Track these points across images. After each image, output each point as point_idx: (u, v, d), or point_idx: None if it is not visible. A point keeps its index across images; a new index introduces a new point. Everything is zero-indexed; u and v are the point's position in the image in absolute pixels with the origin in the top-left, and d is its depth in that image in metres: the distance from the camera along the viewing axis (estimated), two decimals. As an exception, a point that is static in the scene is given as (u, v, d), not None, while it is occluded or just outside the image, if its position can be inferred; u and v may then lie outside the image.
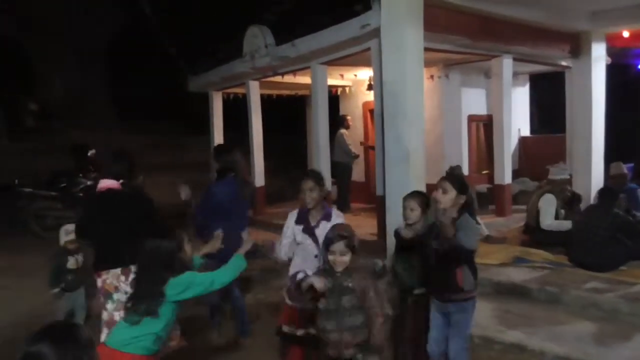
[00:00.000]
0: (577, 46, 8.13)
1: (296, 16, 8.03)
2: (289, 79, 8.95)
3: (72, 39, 16.26)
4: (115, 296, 3.42)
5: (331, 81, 8.96)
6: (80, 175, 9.74)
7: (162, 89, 14.11)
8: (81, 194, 9.29)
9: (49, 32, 15.97)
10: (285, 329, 3.41)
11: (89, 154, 10.19)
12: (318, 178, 3.41)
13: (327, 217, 3.41)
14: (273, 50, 7.94)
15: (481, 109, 9.15)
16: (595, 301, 4.46)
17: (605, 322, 4.18)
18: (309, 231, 3.44)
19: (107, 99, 16.71)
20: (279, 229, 8.28)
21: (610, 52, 8.68)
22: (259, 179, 9.59)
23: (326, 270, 2.81)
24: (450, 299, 3.13)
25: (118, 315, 3.36)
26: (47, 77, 17.12)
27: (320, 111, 7.73)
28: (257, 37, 8.27)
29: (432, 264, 3.18)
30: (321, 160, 7.77)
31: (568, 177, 6.26)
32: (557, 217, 5.96)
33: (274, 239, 4.06)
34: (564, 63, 8.59)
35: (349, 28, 6.35)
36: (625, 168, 6.72)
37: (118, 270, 3.43)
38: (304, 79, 8.84)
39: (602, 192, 5.51)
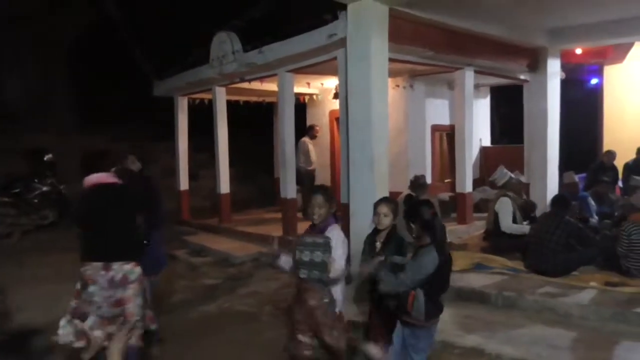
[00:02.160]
0: (535, 61, 8.47)
1: (264, 24, 8.07)
2: (255, 85, 8.97)
3: (33, 39, 15.76)
4: (91, 288, 3.38)
5: (298, 89, 9.02)
6: (36, 180, 9.43)
7: (127, 93, 13.85)
8: (36, 200, 9.01)
9: (6, 30, 15.43)
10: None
11: (45, 158, 9.89)
12: (328, 195, 3.41)
13: (322, 231, 3.37)
14: (240, 57, 7.95)
15: (444, 119, 9.40)
16: (549, 305, 4.65)
17: (559, 326, 4.35)
18: None
19: (68, 102, 16.24)
20: (245, 236, 8.38)
21: (564, 68, 9.09)
22: (224, 186, 9.53)
23: None
24: (402, 320, 3.12)
25: (87, 307, 3.39)
26: (3, 78, 16.52)
27: (286, 118, 7.77)
28: (224, 43, 8.26)
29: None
30: (287, 167, 7.80)
31: (511, 179, 6.46)
32: (515, 222, 6.18)
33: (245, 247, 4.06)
34: (522, 77, 8.94)
35: (316, 37, 6.43)
36: (576, 177, 7.03)
37: (100, 264, 3.40)
38: (271, 86, 8.87)
39: (555, 201, 5.74)
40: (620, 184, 8.03)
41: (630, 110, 10.07)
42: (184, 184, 10.63)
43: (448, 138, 9.35)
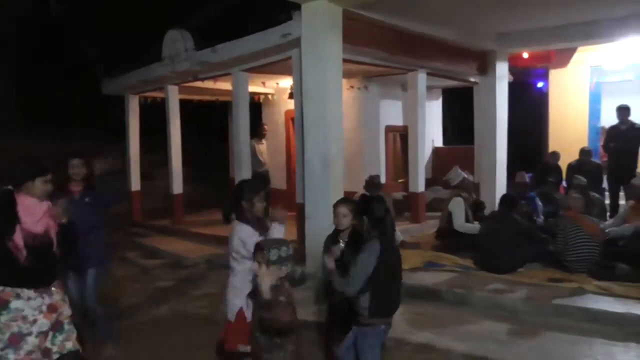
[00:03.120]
0: (484, 64, 8.75)
1: (218, 22, 7.96)
2: (209, 84, 8.84)
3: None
4: (14, 304, 3.04)
5: (253, 88, 8.96)
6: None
7: (76, 91, 13.32)
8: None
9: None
10: (243, 348, 3.25)
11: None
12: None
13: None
14: (193, 55, 7.81)
15: (398, 120, 9.55)
16: (497, 301, 4.81)
17: (505, 321, 4.50)
18: None
19: (11, 102, 15.44)
20: (197, 237, 8.23)
21: (512, 71, 9.43)
22: (177, 186, 9.34)
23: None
24: (356, 322, 3.11)
25: (16, 326, 3.03)
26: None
27: (241, 118, 7.69)
28: (177, 41, 8.09)
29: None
30: (242, 167, 7.72)
31: (464, 179, 6.65)
32: (467, 221, 6.36)
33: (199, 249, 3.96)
34: (472, 79, 9.20)
35: (271, 36, 6.40)
36: (527, 177, 7.30)
37: None
38: (225, 85, 8.76)
39: (503, 200, 5.95)
40: (564, 183, 8.39)
41: (573, 112, 10.55)
42: (135, 184, 10.39)
43: (402, 139, 9.51)
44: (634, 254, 5.19)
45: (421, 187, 8.08)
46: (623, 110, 7.75)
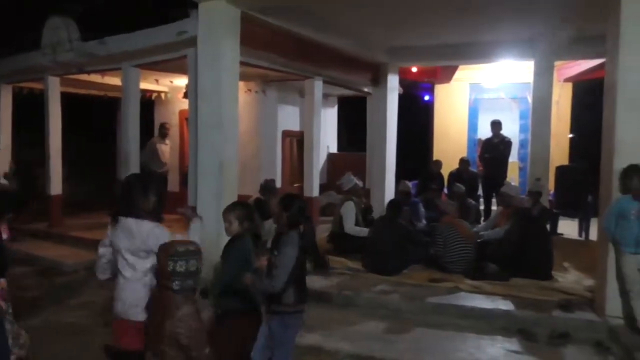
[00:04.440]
0: (377, 75, 9.19)
1: (108, 12, 7.49)
2: (96, 78, 8.27)
3: None
4: None
5: (145, 85, 8.55)
6: None
7: None
8: None
9: None
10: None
11: None
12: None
13: None
14: (78, 46, 7.27)
15: (295, 125, 9.69)
16: (382, 302, 5.06)
17: (390, 320, 4.75)
18: None
19: None
20: (77, 242, 7.63)
21: (402, 84, 10.02)
22: (55, 187, 8.58)
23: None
24: (272, 311, 3.14)
25: None
26: None
27: (130, 115, 7.30)
28: (59, 29, 7.47)
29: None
30: (130, 167, 7.32)
31: (355, 185, 6.93)
32: (357, 224, 6.61)
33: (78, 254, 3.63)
34: (366, 89, 9.63)
35: (166, 33, 6.17)
36: (410, 185, 7.77)
37: None
38: (115, 80, 8.25)
39: (389, 205, 6.30)
40: (446, 190, 9.06)
41: (454, 125, 11.48)
42: (56, 187, 9.09)
43: (298, 144, 9.66)
44: (502, 256, 5.75)
45: (315, 191, 8.26)
46: (496, 125, 8.58)
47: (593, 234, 6.44)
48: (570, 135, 10.85)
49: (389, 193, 9.14)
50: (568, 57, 8.78)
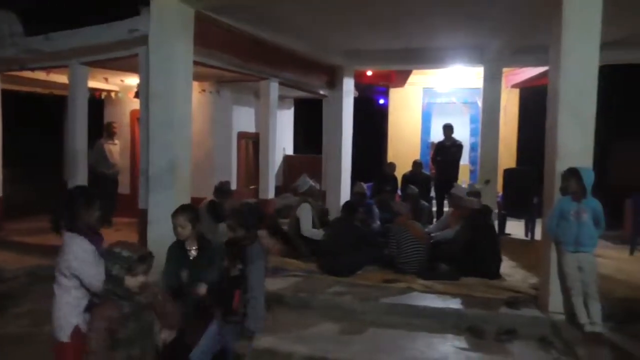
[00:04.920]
0: (333, 78, 9.26)
1: (54, 6, 7.19)
2: (41, 75, 7.91)
3: None
4: None
5: (94, 84, 8.26)
6: None
7: None
8: None
9: None
10: None
11: None
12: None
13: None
14: (21, 41, 6.93)
15: (250, 127, 9.62)
16: (337, 303, 5.08)
17: (344, 321, 4.77)
18: None
19: None
20: (18, 247, 7.27)
21: (358, 87, 10.13)
22: (-4, 188, 8.16)
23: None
24: (227, 320, 3.15)
25: None
26: None
27: (78, 115, 7.04)
28: (0, 23, 7.09)
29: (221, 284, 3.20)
30: (78, 168, 7.06)
31: (311, 186, 6.96)
32: (313, 226, 6.62)
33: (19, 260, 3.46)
34: (322, 92, 9.69)
35: (116, 30, 5.98)
36: (365, 187, 7.87)
37: None
38: (61, 78, 7.93)
39: (344, 206, 6.35)
40: (399, 192, 9.23)
41: (408, 128, 11.72)
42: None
43: (254, 145, 9.59)
44: (453, 255, 5.91)
45: (271, 194, 8.23)
46: (447, 129, 8.82)
47: (539, 234, 6.73)
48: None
49: (345, 195, 9.22)
50: (515, 64, 9.17)
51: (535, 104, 8.31)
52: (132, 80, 8.55)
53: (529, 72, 9.72)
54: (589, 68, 4.42)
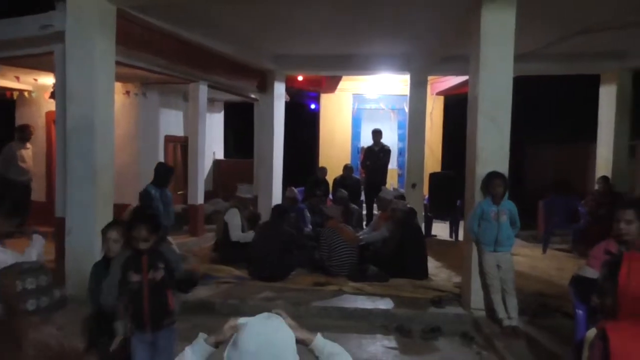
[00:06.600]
0: (264, 82, 9.19)
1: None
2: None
3: None
4: None
5: (4, 82, 7.67)
6: None
7: None
8: None
9: None
10: None
11: None
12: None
13: None
14: None
15: (179, 130, 9.33)
16: (267, 309, 4.92)
17: (275, 327, 4.73)
18: None
19: None
20: None
21: (289, 92, 10.14)
22: None
23: None
24: (162, 326, 3.01)
25: None
26: None
27: (-14, 116, 6.48)
28: None
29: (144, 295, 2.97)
30: (-14, 174, 6.51)
31: (252, 196, 6.93)
32: (243, 231, 6.53)
33: None
34: (253, 95, 9.59)
35: (27, 25, 5.58)
36: (296, 191, 7.88)
37: None
38: (-34, 76, 7.29)
39: (273, 210, 6.33)
40: (331, 196, 9.32)
41: (339, 133, 11.89)
42: None
43: (182, 149, 9.31)
44: (381, 257, 6.05)
45: (200, 199, 8.02)
46: (376, 134, 9.03)
47: (462, 235, 7.04)
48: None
49: (277, 199, 9.17)
50: (439, 72, 9.57)
51: (459, 111, 8.72)
52: (48, 80, 8.02)
53: (453, 81, 10.19)
54: (505, 78, 4.71)
